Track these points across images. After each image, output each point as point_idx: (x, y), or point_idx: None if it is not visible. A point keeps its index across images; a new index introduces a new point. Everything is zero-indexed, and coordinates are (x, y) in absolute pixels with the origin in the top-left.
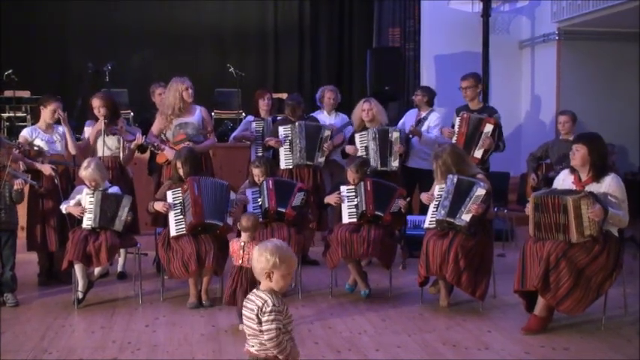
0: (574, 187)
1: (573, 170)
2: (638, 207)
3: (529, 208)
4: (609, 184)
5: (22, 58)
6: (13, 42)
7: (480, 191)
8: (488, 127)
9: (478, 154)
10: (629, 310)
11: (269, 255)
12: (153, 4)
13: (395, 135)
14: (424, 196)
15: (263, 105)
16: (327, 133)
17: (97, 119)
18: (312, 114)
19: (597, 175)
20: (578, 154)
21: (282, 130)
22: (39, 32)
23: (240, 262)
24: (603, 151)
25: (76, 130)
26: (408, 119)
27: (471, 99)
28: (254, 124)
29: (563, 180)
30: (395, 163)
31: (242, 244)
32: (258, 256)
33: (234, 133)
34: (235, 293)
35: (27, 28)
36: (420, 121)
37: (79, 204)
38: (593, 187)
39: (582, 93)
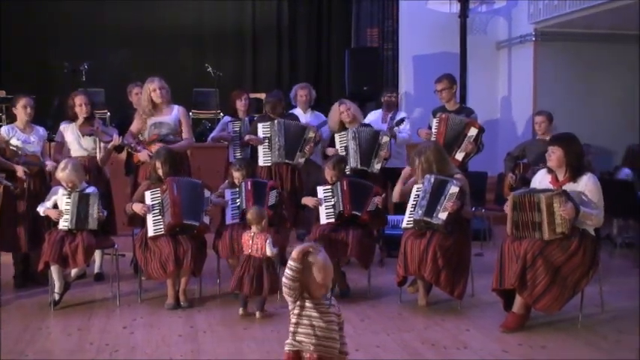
0: (551, 187)
1: (550, 170)
2: (613, 206)
3: (508, 208)
4: (586, 184)
5: None
6: None
7: (454, 189)
8: (473, 131)
9: (459, 156)
10: (606, 308)
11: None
12: (131, 4)
13: (385, 139)
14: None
15: (240, 105)
16: (312, 134)
17: (72, 119)
18: (289, 111)
19: (574, 175)
20: (555, 155)
21: (261, 128)
22: (15, 31)
23: (250, 251)
24: (579, 151)
25: (52, 129)
26: (375, 119)
27: (447, 100)
28: (231, 125)
29: (540, 180)
30: (377, 166)
31: (252, 234)
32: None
33: (212, 134)
34: (243, 280)
35: (2, 27)
36: (402, 121)
37: (55, 205)
38: (570, 187)
39: (558, 93)
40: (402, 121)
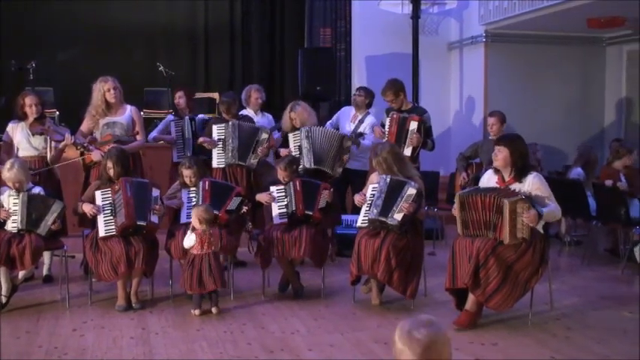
0: (497, 186)
1: (497, 171)
2: (563, 206)
3: (455, 208)
4: (531, 183)
5: None
6: None
7: (411, 190)
8: (413, 125)
9: (407, 151)
10: (555, 306)
11: (397, 339)
12: (80, 1)
13: (349, 143)
14: (357, 198)
15: (177, 103)
16: (265, 136)
17: (21, 118)
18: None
19: (519, 175)
20: (501, 155)
21: (216, 130)
22: None
23: (213, 247)
24: (524, 151)
25: None
26: (343, 116)
27: (398, 108)
28: (174, 124)
29: (488, 180)
30: (339, 170)
31: (209, 232)
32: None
33: (153, 134)
34: (204, 278)
35: None
36: (361, 134)
37: (1, 206)
38: (516, 187)
39: (508, 93)
40: (360, 134)
